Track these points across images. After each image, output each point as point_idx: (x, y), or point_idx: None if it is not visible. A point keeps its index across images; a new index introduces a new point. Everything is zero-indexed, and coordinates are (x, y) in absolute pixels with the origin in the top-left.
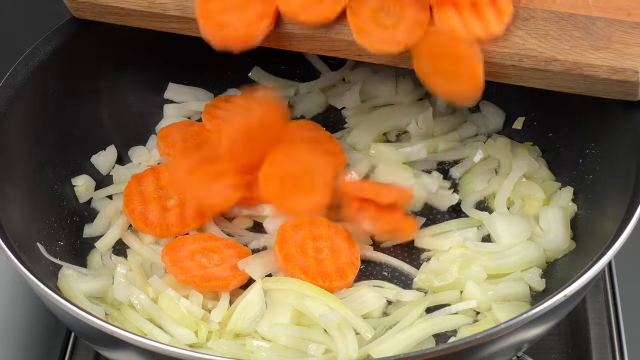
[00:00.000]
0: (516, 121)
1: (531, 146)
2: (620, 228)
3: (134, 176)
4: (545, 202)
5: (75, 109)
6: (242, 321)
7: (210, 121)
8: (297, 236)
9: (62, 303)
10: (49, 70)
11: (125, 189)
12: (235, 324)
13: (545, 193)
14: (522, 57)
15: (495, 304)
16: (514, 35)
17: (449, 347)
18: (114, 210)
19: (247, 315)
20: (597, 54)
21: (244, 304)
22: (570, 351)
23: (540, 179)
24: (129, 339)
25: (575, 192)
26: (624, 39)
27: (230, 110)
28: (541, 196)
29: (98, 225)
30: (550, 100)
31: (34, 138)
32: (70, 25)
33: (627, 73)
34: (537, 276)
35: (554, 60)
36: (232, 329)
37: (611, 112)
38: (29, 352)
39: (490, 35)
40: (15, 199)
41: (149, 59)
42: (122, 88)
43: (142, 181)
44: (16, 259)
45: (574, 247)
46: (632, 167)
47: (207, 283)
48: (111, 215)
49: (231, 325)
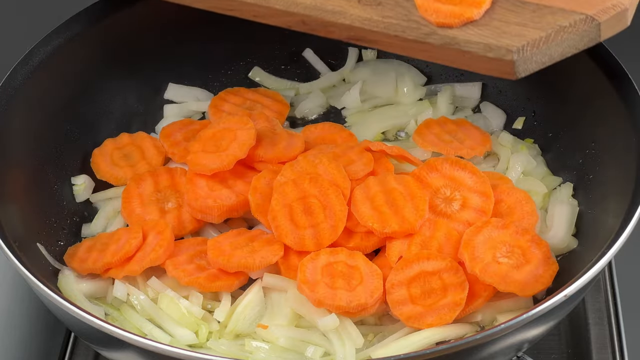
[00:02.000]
0: (516, 121)
1: (532, 144)
2: (620, 228)
3: (132, 178)
4: (546, 196)
5: (75, 109)
6: (242, 321)
7: (215, 115)
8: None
9: (62, 303)
10: (49, 70)
11: (123, 191)
12: (236, 324)
13: (548, 186)
14: (405, 28)
15: (500, 315)
16: (399, 6)
17: (449, 347)
18: (112, 211)
19: (247, 316)
20: (475, 30)
21: (244, 304)
22: (570, 351)
23: (540, 176)
24: (128, 339)
25: (575, 191)
26: (505, 17)
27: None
28: (542, 190)
29: (96, 226)
30: (550, 100)
31: (33, 138)
32: (70, 25)
33: (501, 51)
34: None
35: (434, 34)
36: (233, 329)
37: (611, 111)
38: (28, 352)
39: (375, 3)
40: (15, 199)
41: (148, 60)
42: (122, 88)
43: (141, 183)
44: (16, 259)
45: (574, 246)
46: (632, 167)
47: (212, 284)
48: (109, 216)
49: (231, 326)
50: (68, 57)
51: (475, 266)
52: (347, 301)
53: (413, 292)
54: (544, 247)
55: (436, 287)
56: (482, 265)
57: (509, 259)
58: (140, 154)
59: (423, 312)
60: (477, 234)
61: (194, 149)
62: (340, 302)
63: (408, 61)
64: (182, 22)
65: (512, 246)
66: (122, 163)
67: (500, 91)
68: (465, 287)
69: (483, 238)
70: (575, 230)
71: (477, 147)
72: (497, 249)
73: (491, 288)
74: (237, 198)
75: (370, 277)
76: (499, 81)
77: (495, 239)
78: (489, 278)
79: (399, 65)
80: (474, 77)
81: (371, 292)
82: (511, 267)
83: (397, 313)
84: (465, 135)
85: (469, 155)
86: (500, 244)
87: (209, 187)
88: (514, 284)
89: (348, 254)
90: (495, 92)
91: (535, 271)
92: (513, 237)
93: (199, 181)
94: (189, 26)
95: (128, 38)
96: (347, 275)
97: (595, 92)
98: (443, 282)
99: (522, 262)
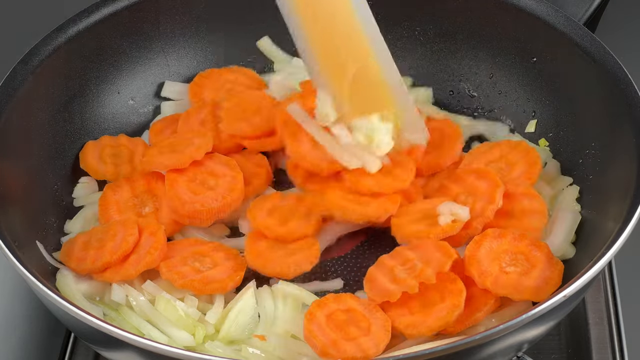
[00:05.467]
0: (528, 124)
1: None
2: (620, 228)
3: (108, 186)
4: (553, 199)
5: (75, 109)
6: (235, 328)
7: (194, 97)
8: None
9: (62, 303)
10: (49, 70)
11: (100, 198)
12: (229, 330)
13: (553, 189)
14: None
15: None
16: None
17: (449, 347)
18: (91, 214)
19: (240, 322)
20: None
21: (237, 311)
22: (570, 351)
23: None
24: (128, 339)
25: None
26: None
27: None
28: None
29: (74, 226)
30: (550, 101)
31: (33, 138)
32: (70, 25)
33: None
34: None
35: None
36: (226, 335)
37: (611, 112)
38: (28, 352)
39: None
40: (15, 199)
41: (145, 58)
42: (121, 87)
43: (117, 190)
44: (16, 259)
45: (569, 256)
46: (633, 167)
47: (206, 286)
48: (89, 218)
49: (224, 332)
50: (68, 57)
51: (485, 280)
52: (352, 352)
53: (411, 305)
54: (544, 248)
55: (434, 297)
56: (492, 279)
57: (515, 267)
58: (129, 157)
59: (423, 319)
60: (478, 248)
61: (150, 152)
62: (346, 354)
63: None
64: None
65: (514, 253)
66: (108, 160)
67: (500, 92)
68: (462, 291)
69: (485, 251)
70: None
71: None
72: (501, 259)
73: (492, 300)
74: (223, 200)
75: (377, 327)
76: (500, 82)
77: (496, 249)
78: (502, 290)
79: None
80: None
81: (376, 344)
82: (520, 275)
83: (396, 324)
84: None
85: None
86: (502, 253)
87: (192, 191)
88: (528, 291)
89: (354, 301)
90: (496, 92)
91: (543, 274)
92: (512, 244)
93: (179, 187)
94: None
95: (127, 37)
96: (354, 323)
97: (595, 92)
98: (441, 292)
99: (528, 268)
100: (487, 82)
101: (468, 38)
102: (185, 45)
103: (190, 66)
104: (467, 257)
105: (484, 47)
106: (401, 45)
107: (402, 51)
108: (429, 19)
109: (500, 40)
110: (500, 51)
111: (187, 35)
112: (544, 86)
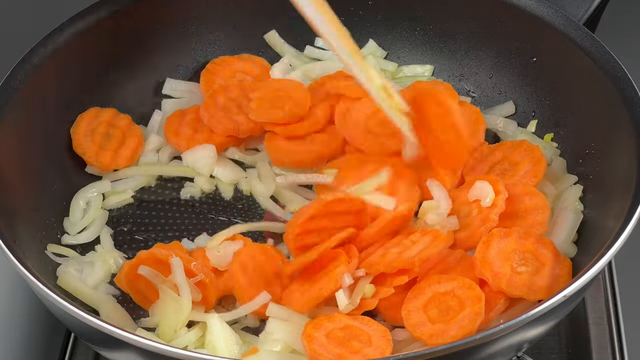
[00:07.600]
0: (529, 125)
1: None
2: (620, 228)
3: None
4: (556, 198)
5: (75, 108)
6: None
7: (205, 85)
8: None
9: (62, 303)
10: (49, 70)
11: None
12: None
13: (557, 188)
14: None
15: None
16: None
17: (449, 347)
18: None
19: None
20: None
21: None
22: (570, 351)
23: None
24: (128, 339)
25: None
26: None
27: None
28: (551, 192)
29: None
30: (551, 101)
31: (33, 138)
32: (70, 25)
33: None
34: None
35: None
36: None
37: (611, 112)
38: (29, 352)
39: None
40: (15, 198)
41: (146, 56)
42: (121, 86)
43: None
44: (16, 259)
45: (571, 255)
46: (633, 167)
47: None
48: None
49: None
50: (68, 57)
51: (500, 282)
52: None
53: (430, 314)
54: (550, 245)
55: (452, 304)
56: (506, 280)
57: (525, 266)
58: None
59: (445, 328)
60: (488, 249)
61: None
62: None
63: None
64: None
65: (522, 252)
66: (98, 139)
67: (500, 92)
68: (481, 297)
69: (494, 252)
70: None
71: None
72: (512, 259)
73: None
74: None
75: (377, 338)
76: (500, 82)
77: (504, 249)
78: (517, 291)
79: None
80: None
81: (381, 352)
82: (531, 275)
83: (418, 334)
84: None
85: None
86: (511, 253)
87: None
88: (541, 291)
89: (348, 318)
90: (496, 92)
91: (553, 272)
92: (519, 242)
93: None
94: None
95: (127, 37)
96: (354, 337)
97: (595, 93)
98: (458, 298)
99: (538, 266)
100: (487, 82)
101: (468, 38)
102: (187, 43)
103: (192, 64)
104: (479, 259)
105: (484, 47)
106: (401, 45)
107: (402, 51)
108: (429, 19)
109: (500, 40)
110: (500, 51)
111: (189, 32)
112: (544, 86)
